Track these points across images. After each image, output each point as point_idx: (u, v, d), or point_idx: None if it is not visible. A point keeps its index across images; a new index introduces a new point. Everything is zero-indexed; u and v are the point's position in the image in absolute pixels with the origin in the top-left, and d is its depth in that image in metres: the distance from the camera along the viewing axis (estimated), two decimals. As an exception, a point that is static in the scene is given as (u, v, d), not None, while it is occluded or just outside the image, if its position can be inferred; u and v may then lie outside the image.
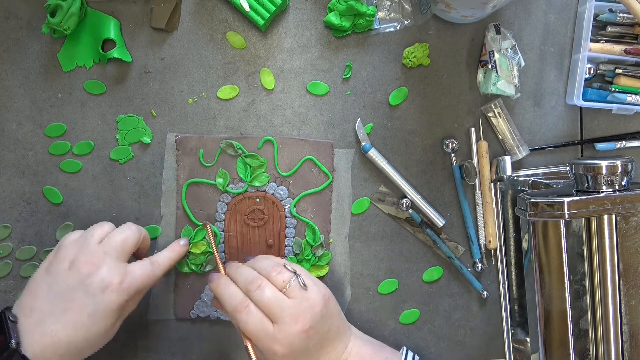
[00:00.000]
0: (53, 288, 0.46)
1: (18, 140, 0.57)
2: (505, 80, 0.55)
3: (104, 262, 0.46)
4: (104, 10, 0.56)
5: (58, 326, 0.44)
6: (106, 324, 0.46)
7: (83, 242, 0.48)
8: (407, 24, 0.57)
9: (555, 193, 0.48)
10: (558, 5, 0.58)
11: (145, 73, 0.57)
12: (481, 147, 0.57)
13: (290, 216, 0.58)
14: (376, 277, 0.59)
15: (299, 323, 0.47)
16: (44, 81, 0.56)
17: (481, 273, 0.60)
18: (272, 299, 0.47)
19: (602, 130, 0.59)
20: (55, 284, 0.46)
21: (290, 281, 0.48)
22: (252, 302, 0.47)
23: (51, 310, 0.45)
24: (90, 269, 0.46)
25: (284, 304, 0.47)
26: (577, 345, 0.47)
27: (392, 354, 0.53)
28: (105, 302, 0.45)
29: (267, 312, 0.47)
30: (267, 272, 0.49)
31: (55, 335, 0.44)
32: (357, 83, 0.58)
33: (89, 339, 0.46)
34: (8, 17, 0.56)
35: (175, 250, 0.54)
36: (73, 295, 0.45)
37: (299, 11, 0.57)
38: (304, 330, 0.47)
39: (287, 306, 0.47)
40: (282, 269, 0.50)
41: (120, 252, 0.48)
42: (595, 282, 0.46)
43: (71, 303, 0.45)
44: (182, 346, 0.59)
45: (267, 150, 0.57)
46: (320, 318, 0.48)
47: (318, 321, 0.48)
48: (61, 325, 0.45)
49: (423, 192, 0.59)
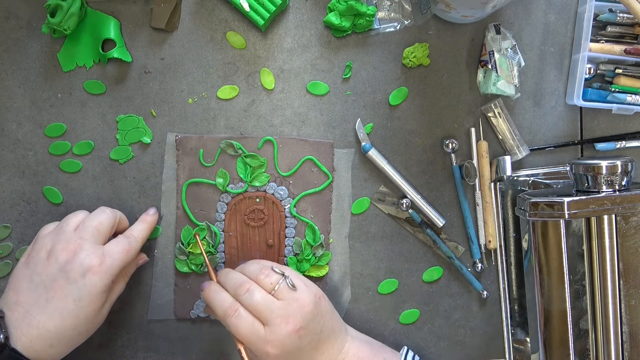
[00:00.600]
0: (34, 280, 0.46)
1: (18, 140, 0.57)
2: (505, 80, 0.55)
3: (81, 247, 0.47)
4: (104, 10, 0.56)
5: (44, 316, 0.45)
6: (93, 309, 0.46)
7: (58, 231, 0.48)
8: (407, 24, 0.57)
9: (555, 193, 0.48)
10: (558, 5, 0.58)
11: (145, 73, 0.57)
12: (481, 147, 0.57)
13: (290, 216, 0.58)
14: (376, 277, 0.59)
15: (289, 324, 0.47)
16: (44, 81, 0.56)
17: (481, 273, 0.60)
18: (261, 302, 0.47)
19: (602, 130, 0.59)
20: (36, 275, 0.46)
21: (278, 283, 0.49)
22: (242, 306, 0.48)
23: (35, 301, 0.45)
24: (69, 256, 0.46)
25: (273, 306, 0.47)
26: (577, 345, 0.47)
27: (392, 355, 0.53)
28: (88, 286, 0.46)
29: (257, 315, 0.47)
30: (255, 276, 0.50)
31: (42, 326, 0.45)
32: (357, 83, 0.58)
33: (77, 326, 0.46)
34: (8, 17, 0.56)
35: (147, 220, 0.54)
36: (55, 283, 0.46)
37: (299, 11, 0.57)
38: (295, 331, 0.47)
39: (276, 308, 0.47)
40: (269, 272, 0.50)
41: (96, 235, 0.48)
42: (595, 282, 0.46)
43: (54, 292, 0.45)
44: (182, 346, 0.59)
45: (267, 150, 0.57)
46: (311, 318, 0.48)
47: (309, 321, 0.48)
48: (47, 315, 0.45)
49: (423, 192, 0.59)
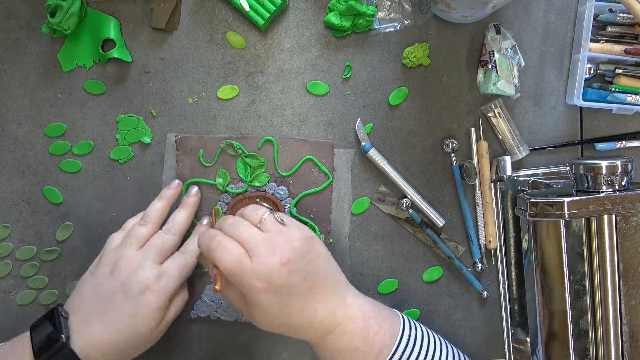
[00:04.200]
0: (96, 290, 0.49)
1: (18, 140, 0.57)
2: (505, 80, 0.55)
3: (142, 266, 0.49)
4: (104, 10, 0.56)
5: (101, 326, 0.47)
6: (148, 326, 0.48)
7: (124, 247, 0.50)
8: (407, 24, 0.57)
9: (555, 193, 0.48)
10: (558, 5, 0.58)
11: (145, 73, 0.57)
12: (481, 147, 0.57)
13: (290, 216, 0.58)
14: (376, 277, 0.59)
15: (276, 255, 0.44)
16: (44, 81, 0.56)
17: (481, 273, 0.60)
18: (244, 233, 0.46)
19: (602, 130, 0.59)
20: (99, 286, 0.49)
21: (263, 216, 0.47)
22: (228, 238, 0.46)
23: (95, 310, 0.47)
24: (129, 273, 0.48)
25: (258, 237, 0.45)
26: (577, 345, 0.47)
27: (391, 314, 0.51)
28: (144, 304, 0.47)
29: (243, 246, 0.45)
30: (242, 212, 0.49)
31: (98, 334, 0.46)
32: (357, 83, 0.58)
33: (129, 341, 0.47)
34: (8, 17, 0.56)
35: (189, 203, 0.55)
36: (114, 297, 0.48)
37: (299, 11, 0.57)
38: (283, 263, 0.44)
39: (261, 239, 0.45)
40: (257, 206, 0.49)
41: (158, 255, 0.50)
42: (595, 282, 0.46)
43: (112, 305, 0.47)
44: (182, 346, 0.59)
45: (267, 150, 0.57)
46: (301, 254, 0.46)
47: (299, 256, 0.45)
48: (104, 325, 0.47)
49: (423, 192, 0.59)
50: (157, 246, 0.51)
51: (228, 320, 0.58)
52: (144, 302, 0.47)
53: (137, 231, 0.52)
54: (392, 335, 0.48)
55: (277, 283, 0.44)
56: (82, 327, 0.47)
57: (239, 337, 0.59)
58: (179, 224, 0.54)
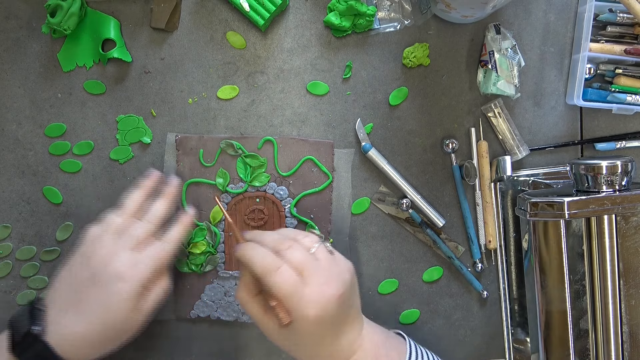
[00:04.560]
0: (70, 282, 0.48)
1: (18, 140, 0.57)
2: (505, 80, 0.55)
3: (115, 253, 0.47)
4: (104, 10, 0.56)
5: (74, 318, 0.46)
6: (121, 316, 0.46)
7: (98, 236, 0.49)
8: (407, 24, 0.57)
9: (555, 193, 0.48)
10: (558, 5, 0.58)
11: (145, 73, 0.57)
12: (481, 147, 0.57)
13: (290, 216, 0.58)
14: (376, 277, 0.59)
15: (332, 287, 0.44)
16: (44, 81, 0.56)
17: (481, 273, 0.60)
18: (303, 260, 0.44)
19: (602, 130, 0.59)
20: (71, 277, 0.48)
21: (317, 243, 0.46)
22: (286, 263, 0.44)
23: (70, 301, 0.47)
24: (103, 262, 0.47)
25: (316, 265, 0.44)
26: (577, 345, 0.47)
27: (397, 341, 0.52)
28: (115, 293, 0.46)
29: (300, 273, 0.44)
30: (294, 235, 0.48)
31: (71, 326, 0.46)
32: (357, 83, 0.58)
33: (103, 332, 0.46)
34: (8, 17, 0.56)
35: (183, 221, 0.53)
36: (85, 288, 0.47)
37: (299, 11, 0.57)
38: (338, 295, 0.44)
39: (319, 268, 0.44)
40: (308, 233, 0.48)
41: (133, 243, 0.49)
42: (595, 282, 0.46)
43: (85, 295, 0.46)
44: (182, 346, 0.59)
45: (267, 150, 0.57)
46: (350, 287, 0.45)
47: (348, 290, 0.45)
48: (77, 317, 0.46)
49: (423, 192, 0.59)
50: (132, 235, 0.49)
51: (228, 320, 0.58)
52: (115, 291, 0.46)
53: (112, 220, 0.50)
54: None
55: (330, 314, 0.44)
56: (58, 319, 0.46)
57: (239, 337, 0.59)
58: (156, 213, 0.52)
